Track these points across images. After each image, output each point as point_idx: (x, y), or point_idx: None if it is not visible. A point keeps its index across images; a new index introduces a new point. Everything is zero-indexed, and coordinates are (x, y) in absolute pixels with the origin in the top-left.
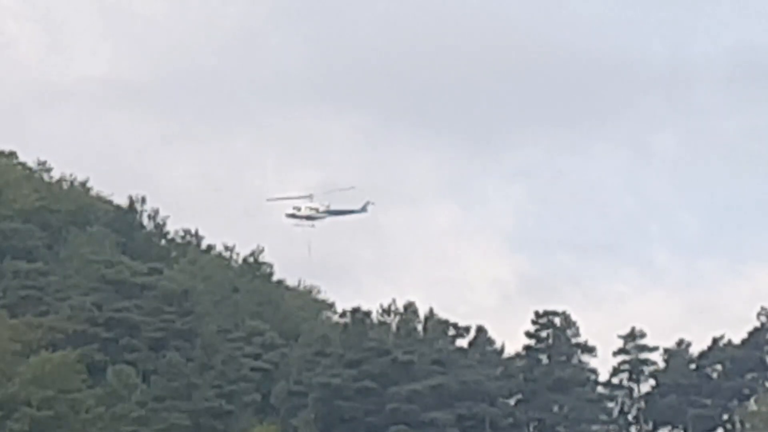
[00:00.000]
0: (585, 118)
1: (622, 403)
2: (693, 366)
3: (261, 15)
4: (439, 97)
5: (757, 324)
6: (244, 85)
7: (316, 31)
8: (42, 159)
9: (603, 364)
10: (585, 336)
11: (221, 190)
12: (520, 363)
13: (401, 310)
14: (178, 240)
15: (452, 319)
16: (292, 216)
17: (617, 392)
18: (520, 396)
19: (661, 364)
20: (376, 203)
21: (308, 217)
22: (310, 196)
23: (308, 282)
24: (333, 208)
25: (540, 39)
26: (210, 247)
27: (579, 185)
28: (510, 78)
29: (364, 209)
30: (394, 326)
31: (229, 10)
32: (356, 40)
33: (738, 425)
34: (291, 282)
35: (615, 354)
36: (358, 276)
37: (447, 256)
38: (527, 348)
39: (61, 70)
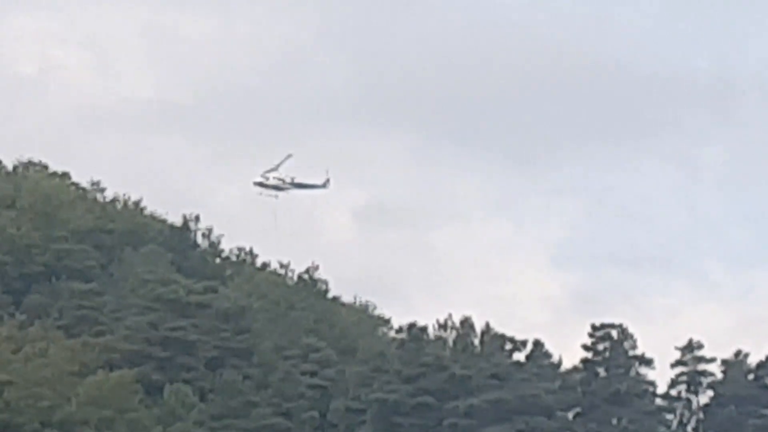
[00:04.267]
0: (632, 133)
1: (681, 415)
2: (751, 377)
3: (306, 35)
4: (485, 114)
5: None
6: (290, 104)
7: (362, 50)
8: (95, 179)
9: (660, 376)
10: (642, 348)
11: (269, 209)
12: (577, 376)
13: (457, 325)
14: (233, 258)
15: (508, 334)
16: (260, 185)
17: (676, 404)
18: (578, 409)
19: (719, 376)
20: (332, 181)
21: (275, 187)
22: (277, 168)
23: (364, 298)
24: (297, 181)
25: (586, 55)
26: (265, 265)
27: (628, 200)
28: (556, 94)
29: (325, 185)
30: (450, 341)
31: (274, 31)
32: (402, 58)
33: None
34: (346, 298)
35: (673, 366)
36: (409, 293)
37: (498, 272)
38: (584, 361)
39: (108, 93)
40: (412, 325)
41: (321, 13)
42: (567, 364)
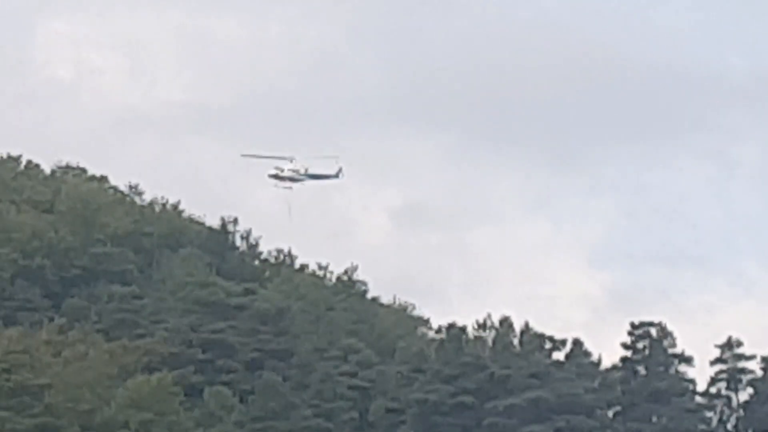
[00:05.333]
0: (668, 131)
1: (721, 413)
2: None
3: (340, 36)
4: (521, 113)
5: None
6: (325, 106)
7: (396, 50)
8: (133, 183)
9: (700, 373)
10: (681, 346)
11: (306, 211)
12: (617, 375)
13: (497, 324)
14: (272, 260)
15: (547, 333)
16: (275, 177)
17: (715, 402)
18: (617, 408)
19: (759, 373)
20: (345, 171)
21: (290, 179)
22: (291, 159)
23: (403, 299)
24: (311, 171)
25: (621, 54)
26: (303, 267)
27: (665, 198)
28: (592, 93)
29: (337, 175)
30: (490, 341)
31: (308, 33)
32: (437, 58)
33: None
34: (385, 299)
35: (712, 363)
36: (448, 293)
37: (536, 272)
38: (624, 359)
39: (143, 96)
40: (451, 325)
41: (355, 14)
42: (606, 363)
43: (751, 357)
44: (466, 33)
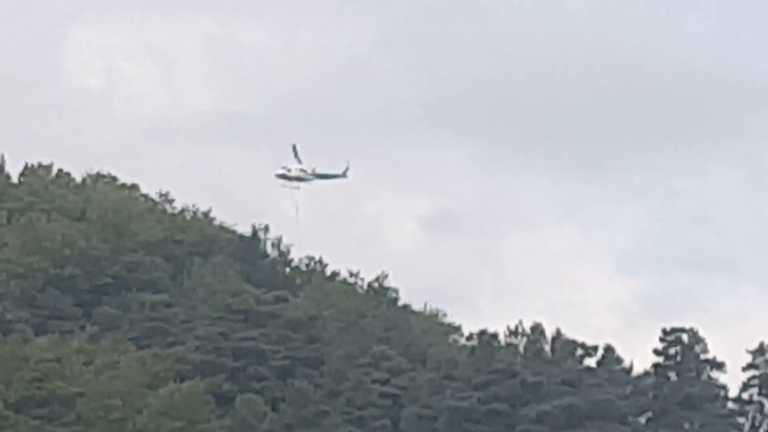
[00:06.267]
0: (698, 137)
1: (753, 419)
2: None
3: (370, 44)
4: (551, 120)
5: None
6: (354, 113)
7: (425, 57)
8: (164, 191)
9: (732, 379)
10: (713, 352)
11: (336, 218)
12: (649, 381)
13: (528, 331)
14: (303, 267)
15: (579, 339)
16: (283, 176)
17: (747, 408)
18: (650, 414)
19: None
20: (351, 169)
21: (297, 178)
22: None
23: (434, 306)
24: (318, 171)
25: (651, 59)
26: (334, 274)
27: (694, 204)
28: (621, 99)
29: (345, 174)
30: (521, 348)
31: (337, 40)
32: (466, 65)
33: None
34: (417, 306)
35: (744, 369)
36: (478, 300)
37: (566, 278)
38: (656, 366)
39: (173, 105)
40: (482, 332)
41: (383, 22)
42: (638, 369)
43: None
44: (494, 40)
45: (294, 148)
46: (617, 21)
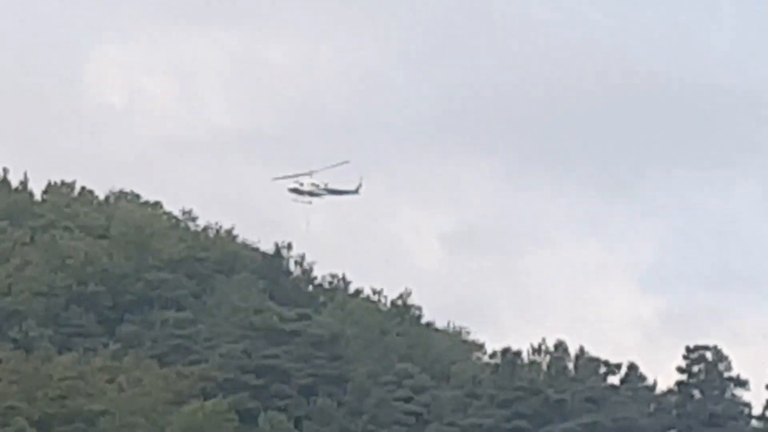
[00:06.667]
0: (721, 153)
1: None
2: None
3: (391, 60)
4: (573, 137)
5: None
6: (376, 130)
7: (447, 74)
8: (186, 208)
9: (756, 397)
10: (737, 370)
11: (359, 236)
12: (672, 398)
13: (551, 349)
14: (326, 285)
15: (602, 357)
16: (295, 191)
17: None
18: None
19: None
20: (364, 185)
21: (310, 193)
22: (310, 173)
23: (457, 323)
24: (331, 186)
25: (673, 77)
26: (358, 291)
27: (717, 221)
28: (644, 116)
29: (357, 191)
30: (544, 365)
31: (359, 57)
32: (488, 82)
33: None
34: (440, 324)
35: None
36: (501, 318)
37: (589, 296)
38: (679, 383)
39: (195, 122)
40: (505, 350)
41: (404, 38)
42: (662, 387)
43: None
44: (517, 56)
45: (311, 174)
46: (642, 39)
